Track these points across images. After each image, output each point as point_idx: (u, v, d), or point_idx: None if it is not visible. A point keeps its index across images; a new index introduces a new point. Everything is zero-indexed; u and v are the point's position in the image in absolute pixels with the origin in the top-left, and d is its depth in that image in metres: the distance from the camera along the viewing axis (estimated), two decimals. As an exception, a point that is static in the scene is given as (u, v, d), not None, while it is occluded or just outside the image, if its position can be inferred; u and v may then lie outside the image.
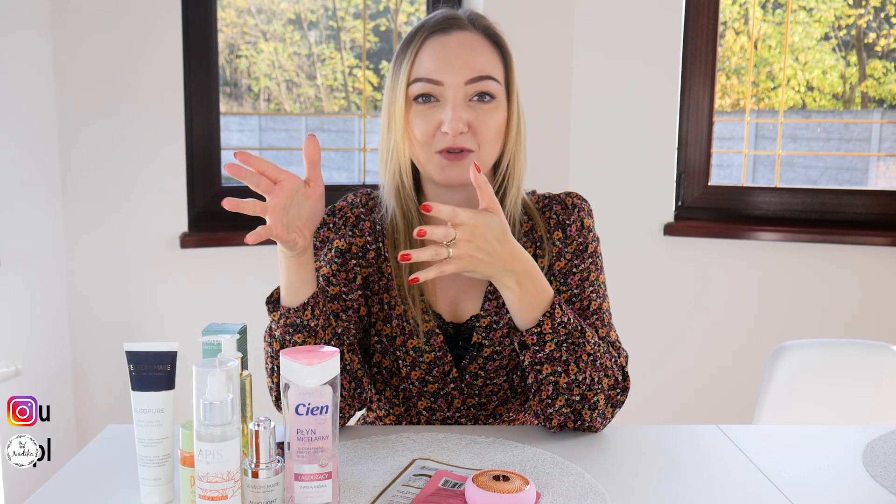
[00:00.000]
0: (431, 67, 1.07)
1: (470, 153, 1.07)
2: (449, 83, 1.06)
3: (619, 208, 2.41)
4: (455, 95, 1.06)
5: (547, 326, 1.03)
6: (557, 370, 1.04)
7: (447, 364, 1.13)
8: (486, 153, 1.09)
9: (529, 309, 1.03)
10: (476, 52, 1.08)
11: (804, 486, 0.95)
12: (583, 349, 1.05)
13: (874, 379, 1.51)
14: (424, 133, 1.07)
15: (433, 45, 1.08)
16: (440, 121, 1.06)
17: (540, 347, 1.04)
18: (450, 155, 1.07)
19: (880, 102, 3.28)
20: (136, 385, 0.87)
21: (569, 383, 1.04)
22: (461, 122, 1.05)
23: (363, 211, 1.18)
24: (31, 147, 2.03)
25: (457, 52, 1.07)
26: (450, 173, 1.07)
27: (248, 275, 2.29)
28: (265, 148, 4.60)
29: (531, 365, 1.05)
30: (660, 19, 2.42)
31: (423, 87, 1.07)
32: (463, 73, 1.06)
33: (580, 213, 1.17)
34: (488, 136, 1.08)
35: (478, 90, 1.07)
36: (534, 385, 1.06)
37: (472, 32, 1.10)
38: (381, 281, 1.16)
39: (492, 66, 1.09)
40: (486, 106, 1.07)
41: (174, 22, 2.15)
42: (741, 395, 2.06)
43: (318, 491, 0.82)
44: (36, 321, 2.06)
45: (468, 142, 1.06)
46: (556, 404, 1.05)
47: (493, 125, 1.08)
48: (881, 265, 2.37)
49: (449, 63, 1.07)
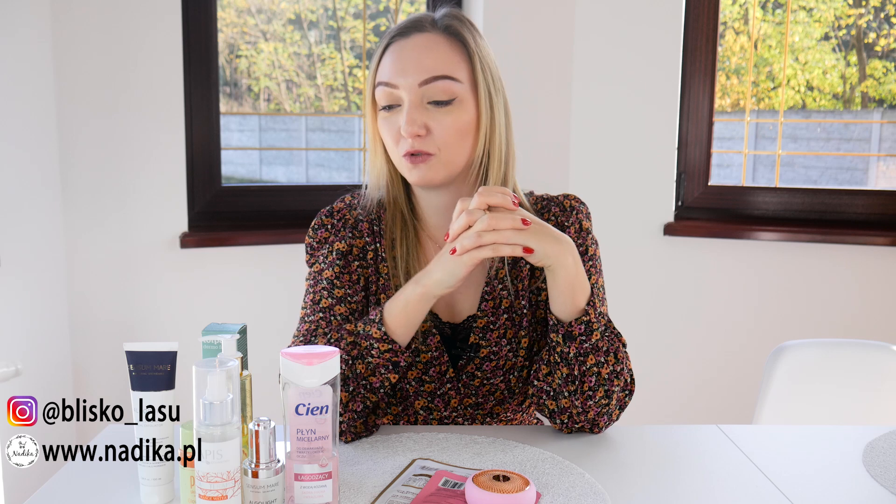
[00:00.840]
0: (388, 71, 1.09)
1: (429, 156, 1.07)
2: (403, 86, 1.07)
3: (619, 208, 2.41)
4: (410, 99, 1.07)
5: (592, 315, 1.03)
6: (601, 360, 1.04)
7: (444, 364, 1.13)
8: (448, 155, 1.09)
9: (580, 293, 1.02)
10: (430, 53, 1.08)
11: (804, 486, 0.95)
12: (618, 340, 1.06)
13: (874, 379, 1.50)
14: (390, 138, 1.10)
15: (392, 50, 1.10)
16: (399, 125, 1.08)
17: (587, 337, 1.03)
18: (412, 158, 1.08)
19: (880, 102, 3.28)
20: (136, 385, 0.87)
21: (609, 374, 1.05)
22: (415, 124, 1.06)
23: (361, 212, 1.18)
24: (31, 147, 2.03)
25: (411, 55, 1.08)
26: (414, 175, 1.09)
27: (248, 275, 2.30)
28: (265, 148, 4.60)
29: (576, 356, 1.04)
30: (660, 19, 2.42)
31: (383, 92, 1.09)
32: (416, 74, 1.07)
33: (579, 215, 1.18)
34: (447, 139, 1.08)
35: (432, 92, 1.07)
36: (574, 379, 1.04)
37: (431, 33, 1.10)
38: (378, 281, 1.16)
39: (449, 65, 1.08)
40: (444, 108, 1.08)
41: (174, 22, 2.15)
42: (741, 395, 2.06)
43: (318, 491, 0.82)
44: (36, 321, 2.06)
45: (426, 145, 1.07)
46: (596, 396, 1.05)
47: (451, 127, 1.08)
48: (881, 265, 2.37)
49: (403, 66, 1.08)
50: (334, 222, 1.17)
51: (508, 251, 0.97)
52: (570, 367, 1.04)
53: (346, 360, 1.03)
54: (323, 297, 1.12)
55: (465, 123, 1.09)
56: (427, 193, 1.15)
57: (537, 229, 0.98)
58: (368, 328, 1.04)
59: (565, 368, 1.04)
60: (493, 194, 0.98)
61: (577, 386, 1.04)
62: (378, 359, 1.03)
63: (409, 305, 1.02)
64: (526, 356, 1.15)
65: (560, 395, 1.06)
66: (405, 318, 1.03)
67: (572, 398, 1.05)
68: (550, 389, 1.07)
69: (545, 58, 2.40)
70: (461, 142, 1.09)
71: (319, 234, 1.17)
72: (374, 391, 1.05)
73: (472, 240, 0.96)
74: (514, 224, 0.96)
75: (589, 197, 1.26)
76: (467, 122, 1.09)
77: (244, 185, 2.78)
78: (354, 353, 1.03)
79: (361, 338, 1.04)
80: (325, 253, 1.16)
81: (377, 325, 1.03)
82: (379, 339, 1.03)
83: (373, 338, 1.03)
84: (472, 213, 0.97)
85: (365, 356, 1.03)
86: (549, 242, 0.98)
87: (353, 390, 1.03)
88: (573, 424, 1.08)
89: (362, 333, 1.04)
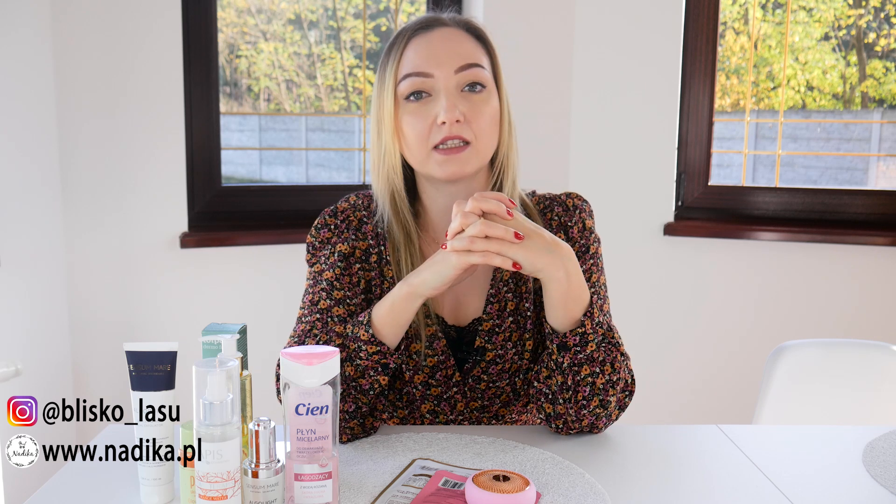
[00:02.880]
0: (419, 62, 1.08)
1: (467, 145, 1.06)
2: (438, 74, 1.07)
3: (619, 208, 2.41)
4: (447, 85, 1.07)
5: (588, 326, 1.03)
6: (595, 371, 1.03)
7: (450, 368, 1.13)
8: (483, 144, 1.08)
9: (574, 305, 1.02)
10: (460, 43, 1.09)
11: (804, 486, 0.95)
12: (616, 349, 1.05)
13: (874, 379, 1.50)
14: (419, 130, 1.07)
15: (417, 42, 1.09)
16: (434, 115, 1.06)
17: (582, 348, 1.03)
18: (447, 150, 1.06)
19: (880, 102, 3.28)
20: (136, 385, 0.87)
21: (604, 384, 1.04)
22: (456, 110, 1.05)
23: (366, 214, 1.17)
24: (31, 147, 2.03)
25: (442, 45, 1.08)
26: (449, 169, 1.07)
27: (248, 275, 2.30)
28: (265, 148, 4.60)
29: (570, 367, 1.03)
30: (660, 19, 2.42)
31: (413, 83, 1.07)
32: (452, 62, 1.07)
33: (581, 214, 1.17)
34: (484, 126, 1.08)
35: (469, 78, 1.07)
36: (569, 388, 1.04)
37: (453, 28, 1.11)
38: (383, 284, 1.15)
39: (478, 55, 1.10)
40: (479, 96, 1.08)
41: (174, 22, 2.15)
42: (741, 395, 2.06)
43: (318, 491, 0.82)
44: (36, 321, 2.06)
45: (465, 131, 1.06)
46: (590, 405, 1.04)
47: (487, 115, 1.08)
48: (881, 265, 2.37)
49: (436, 55, 1.07)
50: (337, 223, 1.16)
51: (499, 262, 0.97)
52: (564, 376, 1.04)
53: None
54: (322, 298, 1.11)
55: (496, 112, 1.10)
56: (437, 192, 1.14)
57: (529, 243, 0.97)
58: (356, 330, 1.04)
59: (560, 377, 1.04)
60: (488, 200, 0.97)
61: (570, 395, 1.04)
62: (367, 361, 1.03)
63: (396, 305, 1.02)
64: (531, 358, 1.15)
65: (556, 401, 1.06)
66: (392, 319, 1.03)
67: (567, 406, 1.05)
68: (549, 393, 1.06)
69: (545, 57, 2.40)
70: (493, 130, 1.10)
71: (322, 233, 1.17)
72: (365, 393, 1.04)
73: (463, 243, 0.96)
74: (506, 235, 0.96)
75: (589, 197, 1.26)
76: (497, 112, 1.10)
77: (244, 185, 2.78)
78: (343, 356, 1.03)
79: (350, 340, 1.04)
80: (326, 254, 1.15)
81: (364, 326, 1.03)
82: (367, 342, 1.02)
83: (360, 340, 1.03)
84: (466, 216, 0.97)
85: (353, 358, 1.03)
86: (539, 255, 0.97)
87: (343, 392, 1.03)
88: (568, 430, 1.08)
89: (350, 335, 1.04)
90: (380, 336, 1.03)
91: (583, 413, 1.05)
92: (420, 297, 1.02)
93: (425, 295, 1.02)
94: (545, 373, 1.07)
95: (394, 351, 1.04)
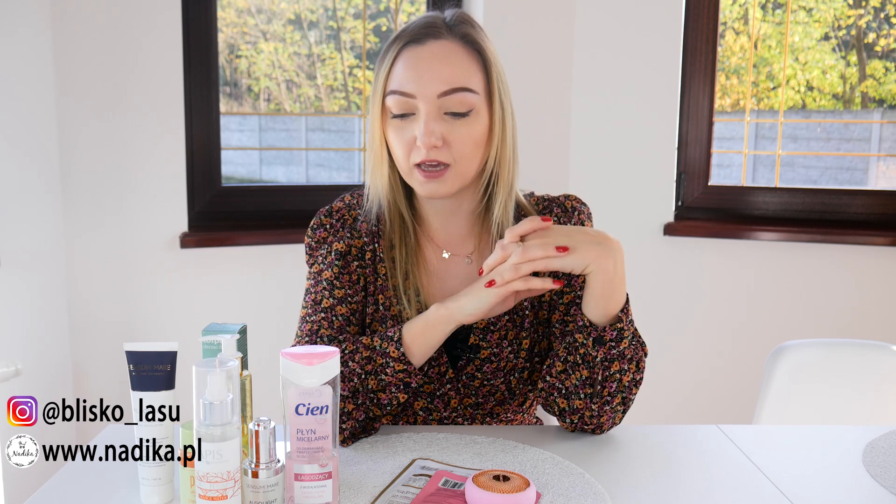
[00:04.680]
0: (404, 81, 1.06)
1: (447, 168, 1.06)
2: (421, 95, 1.05)
3: (619, 208, 2.41)
4: (428, 109, 1.04)
5: (625, 322, 1.03)
6: (624, 368, 1.04)
7: (443, 365, 1.13)
8: (464, 167, 1.07)
9: (614, 300, 1.02)
10: (449, 63, 1.06)
11: (804, 486, 0.95)
12: (642, 349, 1.06)
13: (874, 379, 1.50)
14: (402, 147, 1.07)
15: (407, 55, 1.07)
16: (415, 135, 1.05)
17: (616, 344, 1.03)
18: (426, 171, 1.06)
19: (880, 102, 3.28)
20: (136, 385, 0.87)
21: (629, 382, 1.05)
22: (434, 136, 1.04)
23: (360, 212, 1.18)
24: (31, 147, 2.03)
25: (429, 64, 1.05)
26: (428, 189, 1.07)
27: (248, 275, 2.30)
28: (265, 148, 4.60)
29: (602, 361, 1.03)
30: (660, 19, 2.42)
31: (397, 101, 1.06)
32: (435, 85, 1.04)
33: (580, 216, 1.18)
34: (464, 151, 1.06)
35: (451, 104, 1.05)
36: (595, 383, 1.04)
37: (448, 41, 1.07)
38: (376, 282, 1.15)
39: (467, 75, 1.06)
40: (461, 120, 1.06)
41: (174, 22, 2.15)
42: (741, 395, 2.06)
43: (318, 491, 0.82)
44: (36, 321, 2.06)
45: (443, 155, 1.05)
46: (613, 402, 1.05)
47: (468, 139, 1.06)
48: (881, 265, 2.37)
49: (421, 76, 1.05)
50: (333, 222, 1.17)
51: (539, 284, 0.99)
52: (593, 370, 1.04)
53: (360, 374, 1.03)
54: (324, 297, 1.12)
55: (480, 135, 1.08)
56: (430, 199, 1.14)
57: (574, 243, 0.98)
58: (386, 345, 1.03)
59: (586, 371, 1.04)
60: (521, 226, 0.99)
61: (595, 390, 1.04)
62: (391, 377, 1.03)
63: (429, 327, 1.03)
64: (527, 357, 1.15)
65: (574, 396, 1.06)
66: (424, 340, 1.03)
67: (588, 401, 1.05)
68: (563, 388, 1.06)
69: (545, 57, 2.40)
70: (475, 153, 1.08)
71: (318, 234, 1.17)
72: (382, 407, 1.05)
73: (511, 272, 0.97)
74: (548, 253, 0.97)
75: (589, 197, 1.26)
76: (482, 134, 1.08)
77: (244, 185, 2.78)
78: (368, 369, 1.03)
79: (378, 354, 1.04)
80: (323, 253, 1.15)
81: (395, 343, 1.03)
82: (395, 359, 1.03)
83: (389, 356, 1.03)
84: (506, 247, 0.99)
85: (378, 373, 1.03)
86: (588, 250, 0.98)
87: (360, 402, 1.03)
88: (582, 425, 1.08)
89: (379, 349, 1.04)
90: (409, 355, 1.03)
91: (604, 409, 1.05)
92: (456, 324, 1.03)
93: (461, 321, 1.02)
94: (560, 366, 1.06)
95: (418, 371, 1.04)
